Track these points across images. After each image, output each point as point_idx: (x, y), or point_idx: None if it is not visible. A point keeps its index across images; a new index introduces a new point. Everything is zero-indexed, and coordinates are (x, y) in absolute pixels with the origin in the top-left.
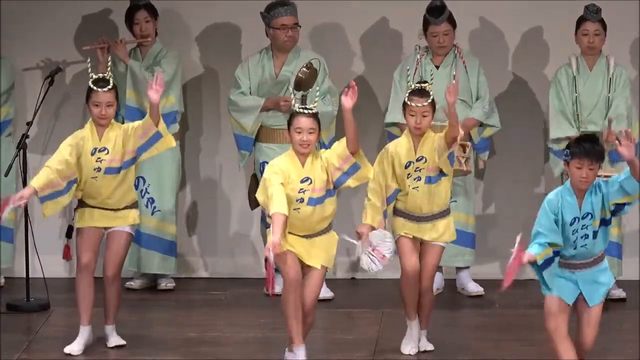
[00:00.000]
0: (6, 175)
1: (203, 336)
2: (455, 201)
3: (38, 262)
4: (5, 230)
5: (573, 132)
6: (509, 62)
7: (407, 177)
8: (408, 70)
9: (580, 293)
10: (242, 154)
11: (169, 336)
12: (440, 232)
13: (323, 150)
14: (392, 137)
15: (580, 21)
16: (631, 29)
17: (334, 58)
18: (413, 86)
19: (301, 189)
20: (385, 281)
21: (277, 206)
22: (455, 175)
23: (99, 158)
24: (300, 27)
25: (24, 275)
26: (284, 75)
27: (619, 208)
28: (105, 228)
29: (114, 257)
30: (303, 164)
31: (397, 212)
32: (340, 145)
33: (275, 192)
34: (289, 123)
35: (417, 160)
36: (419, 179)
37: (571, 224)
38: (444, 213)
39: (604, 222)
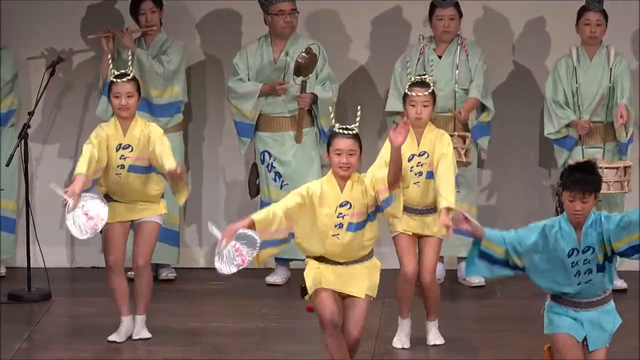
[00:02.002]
0: (7, 165)
1: (205, 327)
2: (459, 191)
3: (39, 252)
4: (7, 220)
5: (572, 116)
6: (512, 52)
7: (410, 171)
8: (408, 62)
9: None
10: (243, 140)
11: (170, 327)
12: (440, 225)
13: (364, 174)
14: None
15: (582, 11)
16: (631, 21)
17: (333, 46)
18: (413, 78)
19: (340, 214)
20: (386, 271)
21: None
22: None
23: (123, 155)
24: (298, 12)
25: (26, 265)
26: (283, 61)
27: (627, 252)
28: (132, 221)
29: (144, 247)
30: (342, 188)
31: None
32: (382, 172)
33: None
34: (328, 144)
35: (420, 155)
36: (420, 174)
37: (569, 256)
38: None
39: (607, 259)
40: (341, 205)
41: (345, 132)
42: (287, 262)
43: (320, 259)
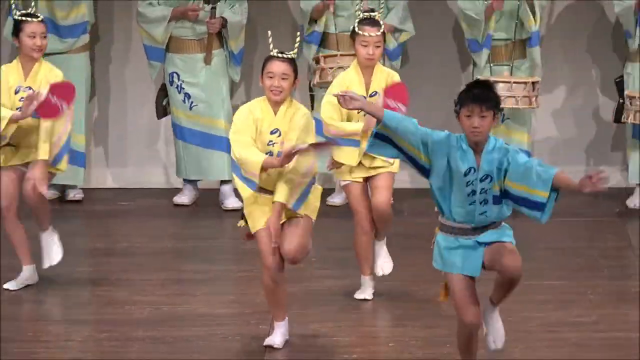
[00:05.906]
0: None
1: (113, 247)
2: None
3: None
4: None
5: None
6: None
7: (358, 113)
8: None
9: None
10: (152, 65)
11: (78, 247)
12: (390, 162)
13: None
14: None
15: None
16: None
17: None
18: (362, 15)
19: (270, 141)
20: None
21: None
22: None
23: (22, 98)
24: None
25: None
26: None
27: (516, 200)
28: (26, 164)
29: (34, 170)
30: (275, 113)
31: None
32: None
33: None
34: (262, 68)
35: (371, 95)
36: None
37: (465, 175)
38: None
39: (505, 194)
40: (271, 133)
41: (280, 55)
42: (194, 182)
43: (259, 188)
